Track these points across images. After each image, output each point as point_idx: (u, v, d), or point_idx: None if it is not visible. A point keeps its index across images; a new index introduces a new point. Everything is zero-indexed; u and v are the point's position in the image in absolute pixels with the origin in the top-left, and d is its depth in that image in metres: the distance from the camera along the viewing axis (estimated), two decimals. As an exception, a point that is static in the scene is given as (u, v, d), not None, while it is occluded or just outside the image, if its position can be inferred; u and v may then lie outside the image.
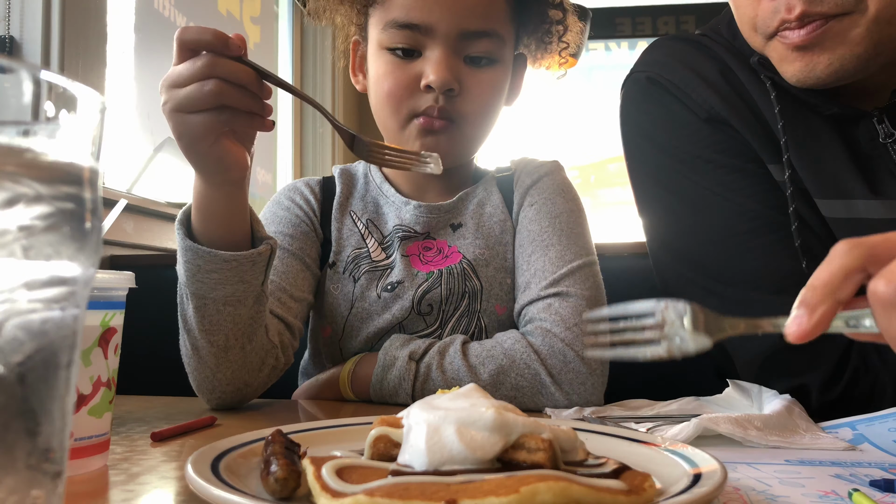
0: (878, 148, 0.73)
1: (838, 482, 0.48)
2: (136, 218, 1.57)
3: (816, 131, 0.75)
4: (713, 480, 0.39)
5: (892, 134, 0.72)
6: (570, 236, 0.90)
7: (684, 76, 0.81)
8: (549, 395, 0.79)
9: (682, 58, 0.83)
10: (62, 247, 0.26)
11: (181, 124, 0.66)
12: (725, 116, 0.78)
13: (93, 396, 0.51)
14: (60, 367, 0.27)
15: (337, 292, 0.93)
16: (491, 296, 0.92)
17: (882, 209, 0.72)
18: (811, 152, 0.75)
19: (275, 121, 0.72)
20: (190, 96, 0.64)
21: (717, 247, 0.78)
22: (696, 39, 0.85)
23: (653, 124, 0.85)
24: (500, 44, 0.90)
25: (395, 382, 0.80)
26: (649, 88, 0.84)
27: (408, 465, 0.39)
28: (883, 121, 0.72)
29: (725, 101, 0.79)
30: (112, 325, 0.53)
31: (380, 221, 0.97)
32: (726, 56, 0.81)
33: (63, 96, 0.26)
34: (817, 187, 0.74)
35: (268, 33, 2.67)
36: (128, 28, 1.76)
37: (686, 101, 0.81)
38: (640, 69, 0.87)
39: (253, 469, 0.44)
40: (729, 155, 0.78)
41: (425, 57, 0.87)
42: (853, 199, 0.73)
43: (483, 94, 0.90)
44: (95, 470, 0.51)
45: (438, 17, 0.85)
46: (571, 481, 0.34)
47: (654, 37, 3.58)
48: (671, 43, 0.87)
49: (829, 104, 0.73)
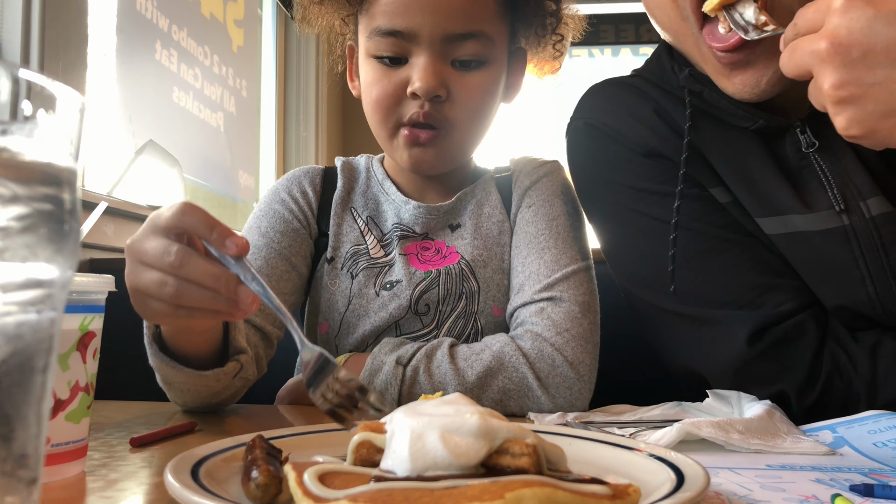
0: (805, 158, 0.75)
1: (819, 487, 0.49)
2: (116, 221, 1.55)
3: (744, 149, 0.77)
4: (697, 485, 0.39)
5: (813, 144, 0.74)
6: (566, 240, 0.90)
7: (618, 117, 0.85)
8: (535, 399, 0.79)
9: (617, 101, 0.87)
10: (39, 248, 0.26)
11: (138, 302, 0.62)
12: (661, 150, 0.82)
13: (70, 401, 0.50)
14: (36, 371, 0.27)
15: (334, 288, 0.93)
16: (488, 297, 0.92)
17: (818, 220, 0.73)
18: (742, 172, 0.77)
19: (247, 310, 0.60)
20: (149, 288, 0.60)
21: (680, 269, 0.79)
22: (629, 82, 0.89)
23: (598, 165, 0.87)
24: (489, 44, 0.88)
25: (381, 388, 0.80)
26: (589, 132, 0.88)
27: (390, 470, 0.38)
28: (805, 131, 0.74)
29: (659, 136, 0.82)
30: (91, 329, 0.52)
31: (380, 219, 0.97)
32: (657, 94, 0.84)
33: (41, 95, 0.25)
34: (754, 206, 0.77)
35: (251, 37, 2.66)
36: (109, 30, 1.74)
37: (623, 141, 0.84)
38: (578, 116, 0.90)
39: (234, 475, 0.44)
40: (671, 185, 0.80)
41: (411, 63, 0.87)
42: (788, 214, 0.75)
43: (472, 98, 0.89)
44: (72, 476, 0.50)
45: (421, 21, 0.84)
46: (556, 486, 0.34)
47: (637, 44, 3.63)
48: (606, 89, 0.90)
49: (754, 118, 0.75)
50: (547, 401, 0.79)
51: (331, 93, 3.09)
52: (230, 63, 2.43)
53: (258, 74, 2.76)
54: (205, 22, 2.24)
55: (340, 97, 3.25)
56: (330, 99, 3.09)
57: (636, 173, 0.83)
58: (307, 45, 3.00)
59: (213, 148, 2.32)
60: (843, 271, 0.73)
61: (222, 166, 2.39)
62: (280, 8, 2.90)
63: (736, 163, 0.78)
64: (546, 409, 0.79)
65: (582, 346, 0.82)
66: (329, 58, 1.04)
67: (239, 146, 2.52)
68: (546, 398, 0.79)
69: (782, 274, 0.76)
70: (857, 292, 0.73)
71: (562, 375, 0.80)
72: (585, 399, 0.81)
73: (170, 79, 1.97)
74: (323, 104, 3.01)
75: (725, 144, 0.78)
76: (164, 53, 1.94)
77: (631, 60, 3.60)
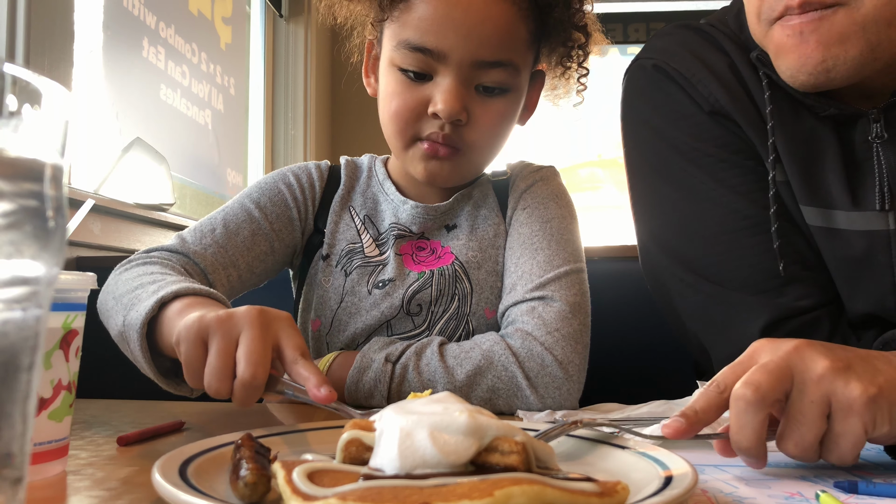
0: (870, 150, 0.72)
1: (804, 483, 0.49)
2: (103, 219, 1.54)
3: (811, 133, 0.74)
4: (684, 483, 0.39)
5: (882, 135, 0.71)
6: (560, 242, 0.90)
7: (692, 66, 0.80)
8: (524, 398, 0.79)
9: (692, 48, 0.81)
10: (24, 245, 0.25)
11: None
12: (730, 111, 0.77)
13: (53, 400, 0.50)
14: (21, 369, 0.26)
15: (328, 285, 0.93)
16: (481, 299, 0.92)
17: (862, 220, 0.72)
18: (802, 156, 0.74)
19: None
20: (194, 370, 0.62)
21: (705, 243, 0.78)
22: (705, 30, 0.83)
23: (655, 112, 0.83)
24: (515, 73, 0.88)
25: (370, 385, 0.80)
26: (654, 76, 0.83)
27: (380, 468, 0.38)
28: (879, 119, 0.71)
29: (731, 96, 0.77)
30: (74, 328, 0.52)
31: (377, 218, 0.97)
32: (731, 49, 0.79)
33: (27, 90, 0.25)
34: (802, 193, 0.74)
35: (239, 34, 2.65)
36: (96, 26, 1.72)
37: (691, 91, 0.79)
38: (646, 55, 0.85)
39: (222, 474, 0.44)
40: (728, 150, 0.78)
41: (436, 82, 0.85)
42: (833, 209, 0.73)
43: (492, 124, 0.88)
44: (54, 476, 0.50)
45: (453, 43, 0.83)
46: (545, 484, 0.34)
47: (625, 44, 3.63)
48: (681, 31, 0.85)
49: (826, 104, 0.72)
50: (536, 400, 0.79)
51: (319, 91, 3.08)
52: (218, 61, 2.41)
53: (246, 72, 2.74)
54: (192, 19, 2.23)
55: (329, 95, 3.24)
56: (318, 97, 3.08)
57: (694, 131, 0.79)
58: (295, 43, 2.99)
59: (201, 146, 2.31)
60: (876, 276, 0.72)
61: (210, 164, 2.38)
62: (268, 6, 2.89)
63: (799, 143, 0.74)
64: (535, 408, 0.79)
65: (572, 346, 0.82)
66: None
67: (227, 144, 2.50)
68: (535, 397, 0.79)
69: (811, 267, 0.75)
70: (886, 299, 0.72)
71: (551, 375, 0.80)
72: (574, 399, 0.81)
73: (157, 76, 1.96)
74: (311, 102, 3.00)
75: (794, 123, 0.75)
76: (152, 51, 1.92)
77: (619, 60, 3.61)
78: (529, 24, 0.88)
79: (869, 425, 0.48)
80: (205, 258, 0.87)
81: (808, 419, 0.49)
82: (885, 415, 0.48)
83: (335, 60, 3.20)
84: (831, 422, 0.49)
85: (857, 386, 0.48)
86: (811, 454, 0.50)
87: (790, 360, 0.50)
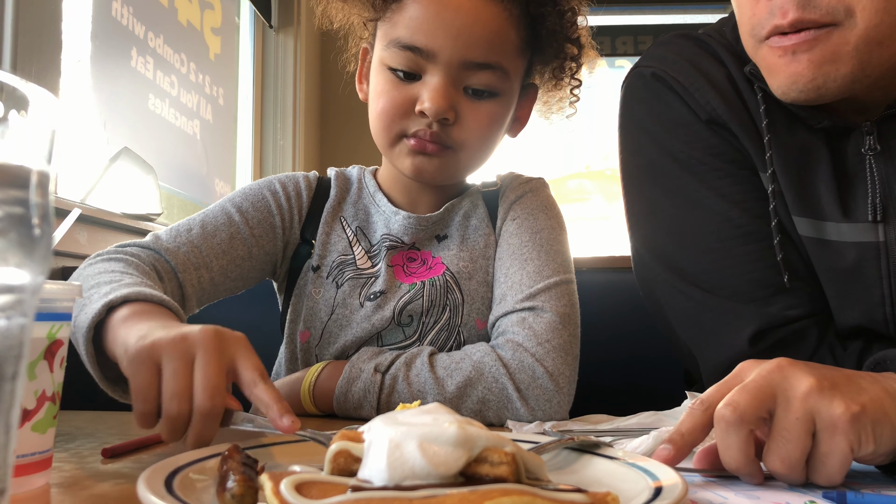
0: (862, 162, 0.72)
1: (792, 494, 0.49)
2: (90, 228, 1.52)
3: (805, 145, 0.75)
4: (674, 493, 0.39)
5: (874, 148, 0.71)
6: (549, 252, 0.90)
7: (690, 75, 0.80)
8: (514, 409, 0.79)
9: (690, 57, 0.82)
10: (9, 253, 0.25)
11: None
12: (726, 120, 0.78)
13: (37, 411, 0.49)
14: (5, 379, 0.26)
15: (318, 296, 0.93)
16: (472, 310, 0.91)
17: (853, 232, 0.72)
18: (795, 167, 0.75)
19: None
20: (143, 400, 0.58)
21: (698, 250, 0.78)
22: (704, 40, 0.84)
23: (652, 119, 0.84)
24: (504, 77, 0.88)
25: (359, 396, 0.79)
26: (653, 84, 0.83)
27: (368, 480, 0.38)
28: (872, 132, 0.71)
29: (728, 105, 0.78)
30: (59, 338, 0.51)
31: (369, 230, 0.97)
32: (728, 59, 0.80)
33: (13, 96, 0.25)
34: (795, 203, 0.75)
35: (229, 45, 2.65)
36: (84, 36, 1.72)
37: (689, 100, 0.80)
38: (645, 63, 0.86)
39: (209, 485, 0.43)
40: (724, 159, 0.78)
41: (424, 81, 0.86)
42: (825, 220, 0.73)
43: (479, 125, 0.88)
44: (37, 488, 0.49)
45: (442, 43, 0.84)
46: (535, 495, 0.34)
47: (614, 56, 3.65)
48: (680, 41, 0.86)
49: (819, 117, 0.73)
50: (526, 412, 0.79)
51: (308, 102, 3.08)
52: (207, 71, 2.41)
53: (235, 82, 2.74)
54: (182, 29, 2.22)
55: (318, 106, 3.24)
56: (307, 108, 3.08)
57: (690, 139, 0.80)
58: (285, 53, 2.99)
59: (190, 156, 2.30)
60: (866, 288, 0.72)
61: (198, 174, 2.37)
62: (258, 16, 2.89)
63: (792, 154, 0.75)
64: (525, 419, 0.79)
65: (562, 357, 0.82)
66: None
67: (215, 154, 2.49)
68: (525, 409, 0.79)
69: (801, 278, 0.75)
70: (874, 311, 0.72)
71: (541, 387, 0.80)
72: (564, 410, 0.81)
73: (146, 86, 1.95)
74: (300, 113, 3.00)
75: (788, 134, 0.75)
76: (140, 60, 1.92)
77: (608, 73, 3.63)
78: (521, 30, 0.88)
79: (854, 443, 0.48)
80: (176, 256, 0.86)
81: (794, 435, 0.49)
82: (869, 433, 0.49)
83: (324, 71, 3.20)
84: (817, 441, 0.49)
85: (840, 404, 0.48)
86: (798, 472, 0.50)
87: (772, 379, 0.51)
